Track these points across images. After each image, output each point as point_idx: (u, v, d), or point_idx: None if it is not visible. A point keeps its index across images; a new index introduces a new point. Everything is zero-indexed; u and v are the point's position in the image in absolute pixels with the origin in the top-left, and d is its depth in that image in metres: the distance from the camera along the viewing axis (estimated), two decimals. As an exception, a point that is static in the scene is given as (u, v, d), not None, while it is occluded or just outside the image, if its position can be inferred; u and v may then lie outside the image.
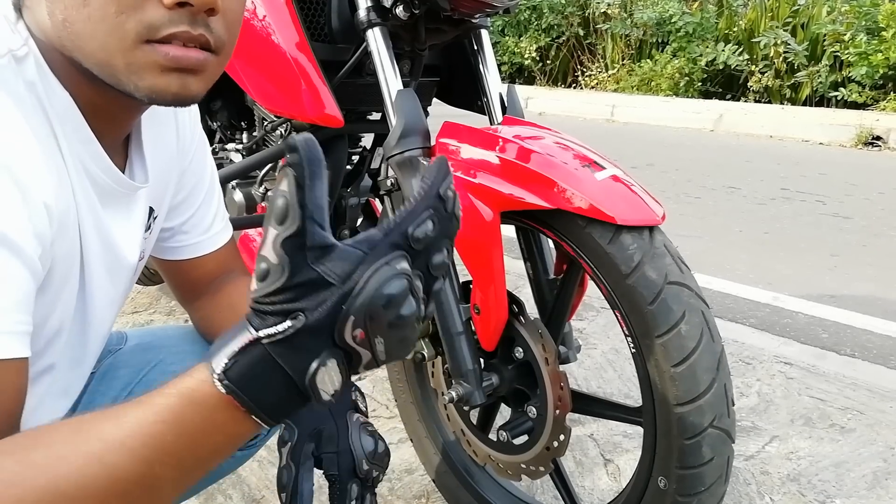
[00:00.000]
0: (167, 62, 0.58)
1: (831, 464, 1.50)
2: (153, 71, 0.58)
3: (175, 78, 0.59)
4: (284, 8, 1.22)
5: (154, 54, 0.58)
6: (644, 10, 7.73)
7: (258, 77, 1.28)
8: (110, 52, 0.58)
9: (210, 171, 0.90)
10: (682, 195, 3.92)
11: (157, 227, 0.83)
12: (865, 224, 3.40)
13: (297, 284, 0.48)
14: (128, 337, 0.96)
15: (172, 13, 0.57)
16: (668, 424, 0.90)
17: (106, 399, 0.89)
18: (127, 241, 0.73)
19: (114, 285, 0.73)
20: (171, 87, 0.60)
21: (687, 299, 0.90)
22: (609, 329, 2.11)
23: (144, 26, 0.57)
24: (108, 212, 0.69)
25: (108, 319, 0.76)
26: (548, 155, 0.96)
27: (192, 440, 0.50)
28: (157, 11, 0.57)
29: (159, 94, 0.60)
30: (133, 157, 0.73)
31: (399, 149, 1.08)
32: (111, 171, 0.67)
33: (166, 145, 0.80)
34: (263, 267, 0.48)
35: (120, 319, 2.12)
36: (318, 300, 0.48)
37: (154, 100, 0.60)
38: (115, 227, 0.70)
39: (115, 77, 0.59)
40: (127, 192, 0.71)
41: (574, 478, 1.43)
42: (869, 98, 6.26)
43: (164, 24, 0.57)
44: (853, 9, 6.39)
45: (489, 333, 1.04)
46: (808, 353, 2.03)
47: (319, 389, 0.49)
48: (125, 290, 0.78)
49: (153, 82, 0.59)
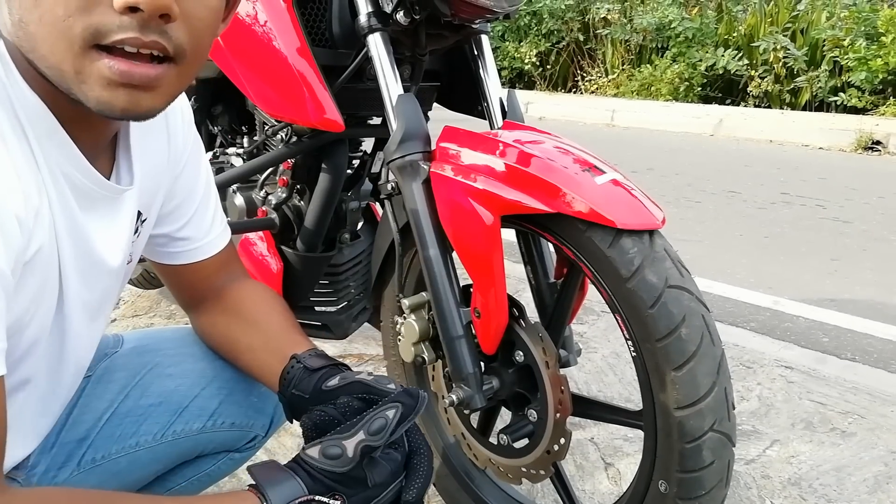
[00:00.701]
0: (112, 75, 0.55)
1: (832, 468, 1.50)
2: (99, 82, 0.56)
3: (123, 93, 0.57)
4: (285, 13, 1.23)
5: (100, 65, 0.55)
6: (644, 16, 7.75)
7: (259, 82, 1.28)
8: (59, 56, 0.55)
9: (205, 177, 0.89)
10: (682, 199, 3.92)
11: (146, 231, 0.82)
12: (865, 228, 3.40)
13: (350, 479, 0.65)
14: (124, 340, 0.96)
15: (123, 18, 0.54)
16: (669, 428, 0.90)
17: (102, 402, 0.89)
18: (109, 244, 0.72)
19: (89, 289, 0.71)
20: (118, 102, 0.57)
21: (687, 303, 0.90)
22: (609, 333, 2.11)
23: (91, 31, 0.54)
24: (90, 215, 0.67)
25: (84, 325, 0.74)
26: (548, 159, 0.96)
27: None
28: (106, 15, 0.54)
29: (106, 108, 0.57)
30: (120, 160, 0.72)
31: (399, 153, 1.09)
32: (90, 174, 0.65)
33: (156, 151, 0.79)
34: (337, 451, 0.65)
35: (120, 323, 2.12)
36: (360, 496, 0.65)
37: (103, 112, 0.58)
38: (96, 231, 0.69)
39: (66, 84, 0.56)
40: (110, 195, 0.69)
41: (575, 481, 1.43)
42: (868, 103, 6.27)
43: (112, 30, 0.54)
44: (852, 14, 6.40)
45: (490, 337, 1.05)
46: (808, 357, 2.03)
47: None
48: (106, 295, 0.76)
49: (100, 94, 0.56)
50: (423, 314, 1.14)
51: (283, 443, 1.53)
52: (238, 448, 0.99)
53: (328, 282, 1.58)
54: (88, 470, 0.87)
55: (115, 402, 0.90)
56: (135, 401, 0.90)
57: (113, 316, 2.17)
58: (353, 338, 1.79)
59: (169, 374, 0.92)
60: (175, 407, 0.91)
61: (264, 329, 0.89)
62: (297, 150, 1.39)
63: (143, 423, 0.90)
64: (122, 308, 2.23)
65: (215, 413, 0.93)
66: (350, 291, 1.61)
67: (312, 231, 1.45)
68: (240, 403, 0.95)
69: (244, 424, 0.96)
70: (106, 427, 0.88)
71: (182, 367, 0.93)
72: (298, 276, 1.48)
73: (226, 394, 0.94)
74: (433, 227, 1.06)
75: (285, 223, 1.50)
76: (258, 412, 0.97)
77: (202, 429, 0.92)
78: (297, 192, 1.50)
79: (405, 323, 1.14)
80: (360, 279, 1.61)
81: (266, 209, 1.51)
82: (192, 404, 0.92)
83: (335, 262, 1.56)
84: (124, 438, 0.89)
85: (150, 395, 0.91)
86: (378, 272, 1.31)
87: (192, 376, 0.93)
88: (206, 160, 0.90)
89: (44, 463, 0.85)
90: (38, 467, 0.84)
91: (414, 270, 1.22)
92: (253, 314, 0.90)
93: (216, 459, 0.98)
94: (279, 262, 1.47)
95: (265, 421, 0.98)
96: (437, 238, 1.06)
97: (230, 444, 0.97)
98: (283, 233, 1.50)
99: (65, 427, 0.87)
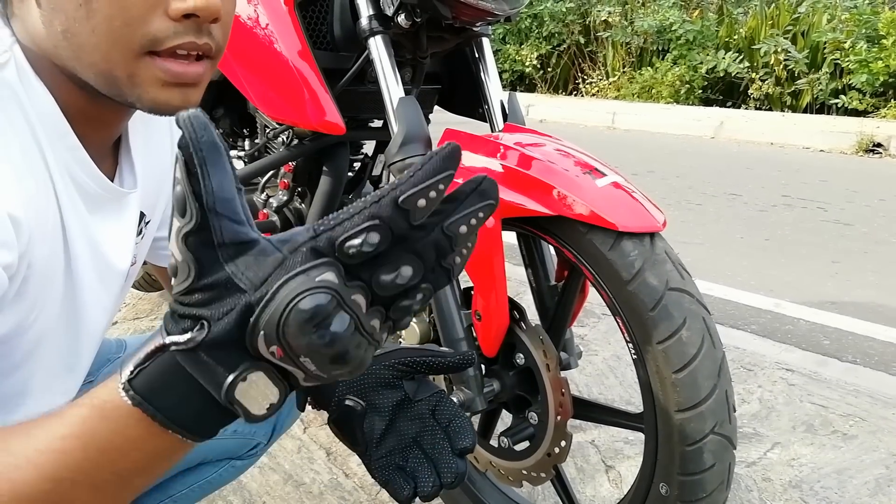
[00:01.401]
0: (169, 77, 0.59)
1: (833, 471, 1.50)
2: (155, 85, 0.59)
3: (178, 92, 0.60)
4: (287, 16, 1.23)
5: (155, 69, 0.58)
6: (644, 18, 7.75)
7: (260, 84, 1.29)
8: (113, 63, 0.57)
9: None
10: (683, 202, 3.92)
11: (151, 233, 0.82)
12: (867, 231, 3.40)
13: (206, 286, 0.41)
14: (127, 345, 0.95)
15: (178, 24, 0.57)
16: (670, 431, 0.90)
17: None
18: (116, 246, 0.72)
19: (107, 291, 0.72)
20: (174, 101, 0.60)
21: (688, 306, 0.90)
22: (610, 335, 2.11)
23: (149, 39, 0.57)
24: (97, 217, 0.68)
25: (101, 326, 0.75)
26: (549, 162, 0.96)
27: (105, 457, 0.43)
28: (162, 23, 0.56)
29: (161, 107, 0.60)
30: (122, 162, 0.73)
31: (400, 156, 1.09)
32: (97, 177, 0.66)
33: (160, 153, 0.79)
34: (172, 262, 0.43)
35: (121, 326, 2.12)
36: (225, 308, 0.41)
37: (156, 111, 0.61)
38: (104, 233, 0.70)
39: (117, 88, 0.59)
40: (115, 198, 0.71)
41: (575, 484, 1.43)
42: (869, 105, 6.27)
43: (169, 37, 0.57)
44: (853, 17, 6.40)
45: (490, 339, 1.05)
46: (809, 359, 2.03)
47: (244, 405, 0.42)
48: (118, 297, 0.77)
49: (155, 96, 0.59)
50: (423, 317, 1.14)
51: (283, 445, 1.53)
52: (240, 455, 0.98)
53: (329, 284, 1.58)
54: None
55: None
56: None
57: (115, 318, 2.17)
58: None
59: None
60: None
61: None
62: (298, 153, 1.40)
63: None
64: (124, 311, 2.23)
65: None
66: (351, 294, 1.61)
67: (313, 234, 1.45)
68: None
69: (246, 432, 0.96)
70: None
71: None
72: (299, 279, 1.48)
73: None
74: (434, 230, 1.06)
75: (286, 226, 1.50)
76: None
77: None
78: (298, 194, 1.50)
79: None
80: (360, 282, 1.61)
81: (267, 212, 1.51)
82: None
83: (336, 265, 1.56)
84: None
85: None
86: (379, 275, 1.31)
87: None
88: None
89: None
90: None
91: (415, 273, 1.22)
92: None
93: (218, 467, 0.97)
94: (280, 265, 1.47)
95: (267, 429, 0.98)
96: (437, 241, 1.06)
97: (232, 451, 0.97)
98: (284, 236, 1.50)
99: None
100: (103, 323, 0.75)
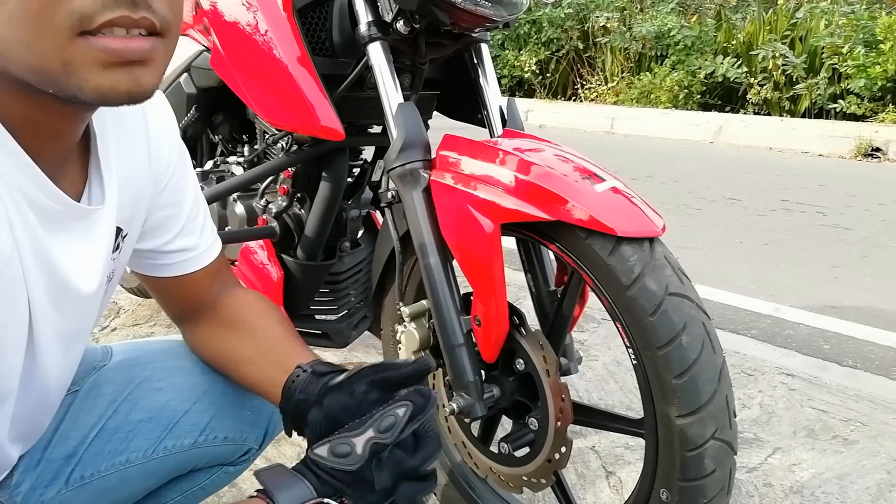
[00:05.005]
0: (108, 56, 0.51)
1: (834, 476, 1.50)
2: (95, 68, 0.51)
3: (123, 73, 0.53)
4: (286, 22, 1.23)
5: (91, 49, 0.51)
6: (643, 24, 7.78)
7: (260, 90, 1.29)
8: (42, 53, 0.50)
9: (192, 189, 0.86)
10: (682, 207, 3.92)
11: (129, 246, 0.79)
12: (866, 235, 3.40)
13: (359, 479, 0.63)
14: (113, 352, 0.93)
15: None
16: (670, 436, 0.90)
17: (90, 417, 0.86)
18: (81, 268, 0.68)
19: (62, 316, 0.68)
20: (121, 85, 0.53)
21: (688, 311, 0.90)
22: (610, 340, 2.10)
23: (76, 17, 0.49)
24: (58, 237, 0.63)
25: (59, 354, 0.70)
26: (548, 167, 0.96)
27: None
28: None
29: (107, 94, 0.53)
30: (92, 177, 0.68)
31: (400, 161, 1.09)
32: (55, 195, 0.61)
33: (136, 166, 0.75)
34: (346, 449, 0.63)
35: (120, 332, 2.12)
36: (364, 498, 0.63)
37: (103, 101, 0.54)
38: (64, 254, 0.65)
39: (54, 82, 0.52)
40: (79, 215, 0.65)
41: (576, 490, 1.43)
42: (868, 110, 6.28)
43: (98, 11, 0.50)
44: (850, 22, 6.42)
45: (490, 345, 1.04)
46: (810, 364, 2.03)
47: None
48: (83, 321, 0.73)
49: (97, 81, 0.52)
50: (423, 322, 1.14)
51: (283, 451, 1.53)
52: (232, 462, 0.97)
53: (328, 290, 1.58)
54: (77, 487, 0.84)
55: (104, 417, 0.87)
56: (124, 416, 0.87)
57: (113, 325, 2.17)
58: (354, 346, 1.79)
59: (159, 388, 0.89)
60: (166, 422, 0.88)
61: (263, 339, 0.87)
62: (297, 159, 1.40)
63: (132, 439, 0.87)
64: (123, 317, 2.23)
65: (207, 427, 0.91)
66: (350, 300, 1.61)
67: (313, 239, 1.45)
68: (232, 417, 0.93)
69: (237, 438, 0.94)
70: (94, 443, 0.85)
71: (172, 380, 0.90)
72: (299, 285, 1.48)
73: (218, 408, 0.91)
74: (433, 236, 1.06)
75: (286, 232, 1.50)
76: (252, 425, 0.95)
77: (194, 444, 0.90)
78: (297, 200, 1.50)
79: (405, 331, 1.14)
80: (360, 288, 1.62)
81: (266, 218, 1.51)
82: (183, 419, 0.89)
83: (335, 271, 1.56)
84: (114, 455, 0.86)
85: (139, 410, 0.88)
86: (378, 280, 1.31)
87: (182, 390, 0.90)
88: (192, 170, 0.87)
89: (28, 481, 0.81)
90: (23, 485, 0.81)
91: (414, 279, 1.22)
92: (250, 324, 0.88)
93: (210, 473, 0.96)
94: (279, 271, 1.47)
95: (259, 434, 0.97)
96: (437, 246, 1.06)
97: (224, 457, 0.95)
98: (283, 241, 1.50)
99: (51, 443, 0.84)
100: (59, 348, 0.70)
